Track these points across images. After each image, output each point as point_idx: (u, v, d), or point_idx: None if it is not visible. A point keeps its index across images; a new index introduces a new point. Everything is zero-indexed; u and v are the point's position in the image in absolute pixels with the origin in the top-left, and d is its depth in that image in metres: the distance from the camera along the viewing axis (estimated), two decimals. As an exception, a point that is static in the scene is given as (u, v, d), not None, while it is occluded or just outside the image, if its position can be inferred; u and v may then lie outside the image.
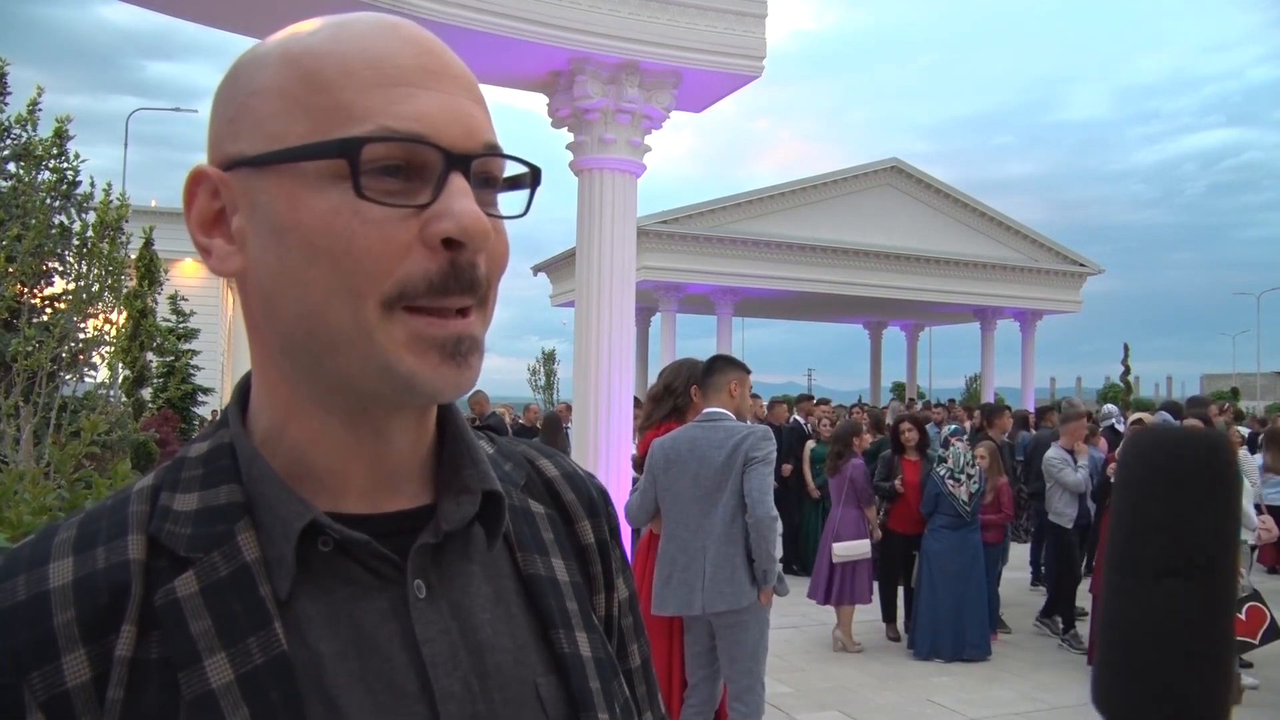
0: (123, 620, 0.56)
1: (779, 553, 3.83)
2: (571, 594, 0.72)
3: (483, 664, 0.64)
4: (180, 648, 0.56)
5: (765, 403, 10.83)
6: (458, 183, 0.59)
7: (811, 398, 12.98)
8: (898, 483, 7.00)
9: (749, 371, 4.10)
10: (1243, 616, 5.46)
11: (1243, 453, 5.97)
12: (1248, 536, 5.75)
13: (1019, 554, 9.65)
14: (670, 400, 4.29)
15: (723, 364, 4.06)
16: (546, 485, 0.78)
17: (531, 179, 0.66)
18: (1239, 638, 5.46)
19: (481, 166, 0.62)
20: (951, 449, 6.76)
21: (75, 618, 0.56)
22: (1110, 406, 10.36)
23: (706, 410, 3.96)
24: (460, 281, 0.59)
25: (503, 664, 0.65)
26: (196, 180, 0.63)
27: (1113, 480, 0.57)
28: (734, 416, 3.94)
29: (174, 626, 0.57)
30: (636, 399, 6.42)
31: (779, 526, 3.83)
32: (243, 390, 0.68)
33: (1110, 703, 0.51)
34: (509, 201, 0.67)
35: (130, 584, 0.58)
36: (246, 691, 0.56)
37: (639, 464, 4.43)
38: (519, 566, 0.70)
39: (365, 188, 0.57)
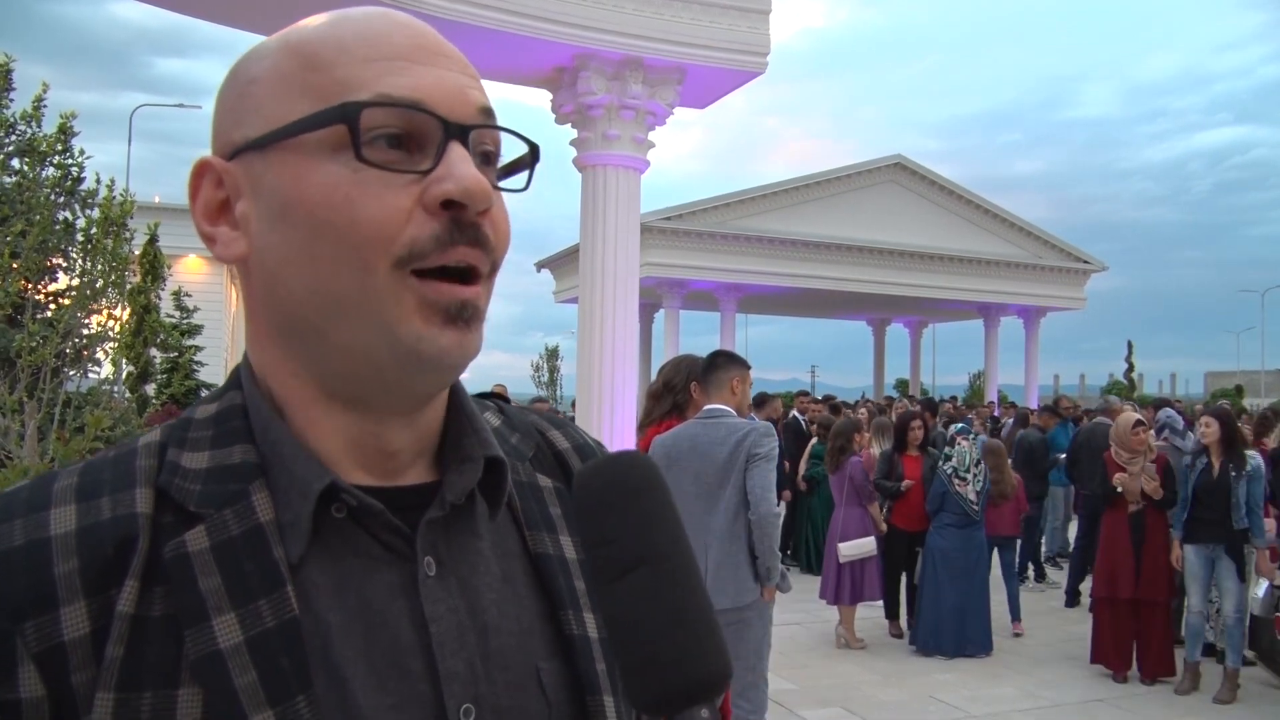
0: (126, 574, 0.55)
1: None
2: (579, 572, 0.71)
3: (487, 645, 0.63)
4: (188, 604, 0.55)
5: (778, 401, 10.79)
6: (457, 150, 0.59)
7: (807, 393, 12.99)
8: (904, 485, 7.00)
9: (749, 367, 4.09)
10: None
11: (1257, 455, 5.92)
12: (1271, 529, 5.75)
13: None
14: (670, 397, 4.27)
15: (724, 360, 4.05)
16: (556, 457, 0.77)
17: (530, 158, 0.67)
18: None
19: (480, 142, 0.62)
20: (956, 448, 6.73)
21: (78, 568, 0.54)
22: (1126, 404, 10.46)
23: (708, 407, 3.95)
24: (465, 234, 0.59)
25: (506, 647, 0.64)
26: (200, 171, 0.64)
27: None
28: (735, 413, 3.93)
29: (182, 581, 0.56)
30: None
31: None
32: (248, 361, 0.67)
33: (635, 695, 0.55)
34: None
35: (137, 537, 0.56)
36: (256, 654, 0.55)
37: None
38: (527, 545, 0.70)
39: (366, 156, 0.57)
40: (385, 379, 0.61)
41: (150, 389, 11.91)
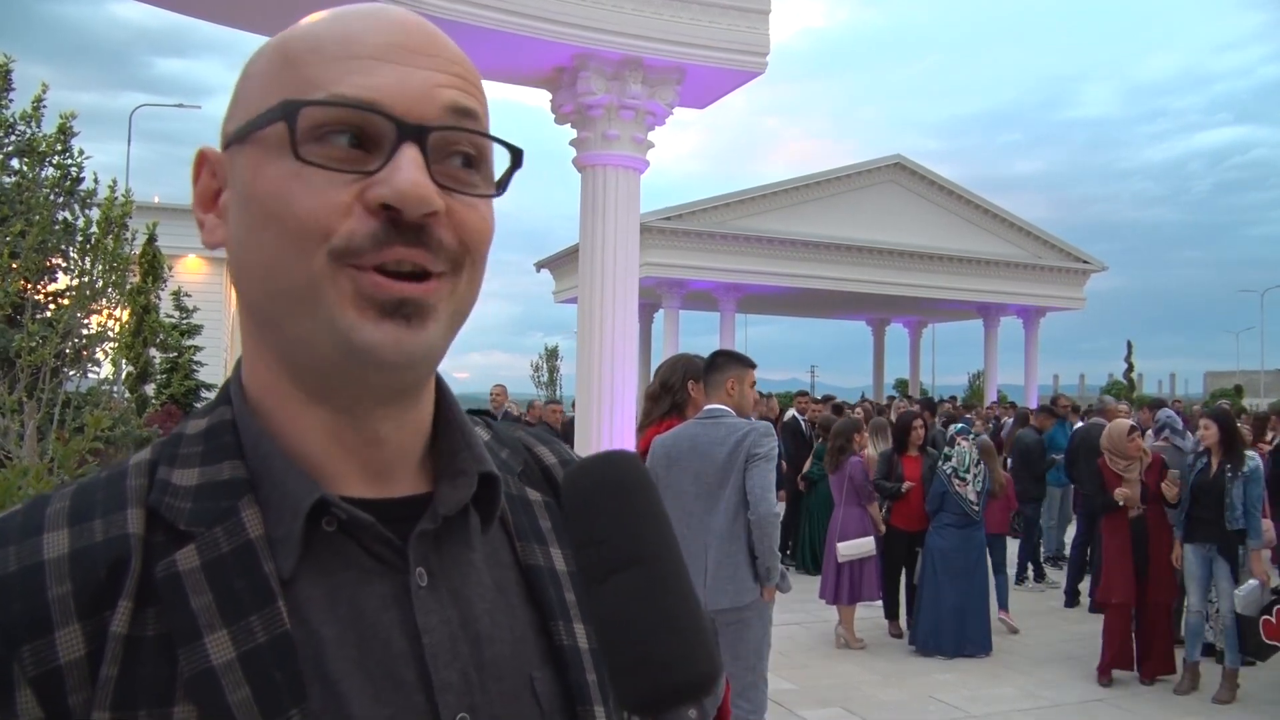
0: (119, 595, 0.55)
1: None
2: (569, 584, 0.71)
3: (480, 655, 0.63)
4: (180, 623, 0.55)
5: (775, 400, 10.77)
6: (408, 153, 0.58)
7: (806, 393, 12.97)
8: (905, 486, 7.01)
9: (753, 366, 4.06)
10: (1273, 619, 5.43)
11: (1256, 456, 5.90)
12: (1269, 530, 5.72)
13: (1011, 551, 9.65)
14: (668, 398, 4.26)
15: (723, 360, 4.04)
16: (544, 472, 0.78)
17: (512, 163, 0.66)
18: (1269, 641, 5.41)
19: (453, 144, 0.61)
20: (956, 448, 6.73)
21: (72, 591, 0.55)
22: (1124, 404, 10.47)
23: (708, 407, 3.94)
24: (404, 235, 0.58)
25: (500, 656, 0.64)
26: (200, 161, 0.66)
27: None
28: (734, 413, 3.93)
29: (174, 601, 0.56)
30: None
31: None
32: (240, 368, 0.68)
33: (624, 695, 0.54)
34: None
35: (130, 559, 0.57)
36: (248, 670, 0.55)
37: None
38: (518, 557, 0.70)
39: (312, 153, 0.58)
40: (338, 373, 0.61)
41: (150, 389, 11.90)
